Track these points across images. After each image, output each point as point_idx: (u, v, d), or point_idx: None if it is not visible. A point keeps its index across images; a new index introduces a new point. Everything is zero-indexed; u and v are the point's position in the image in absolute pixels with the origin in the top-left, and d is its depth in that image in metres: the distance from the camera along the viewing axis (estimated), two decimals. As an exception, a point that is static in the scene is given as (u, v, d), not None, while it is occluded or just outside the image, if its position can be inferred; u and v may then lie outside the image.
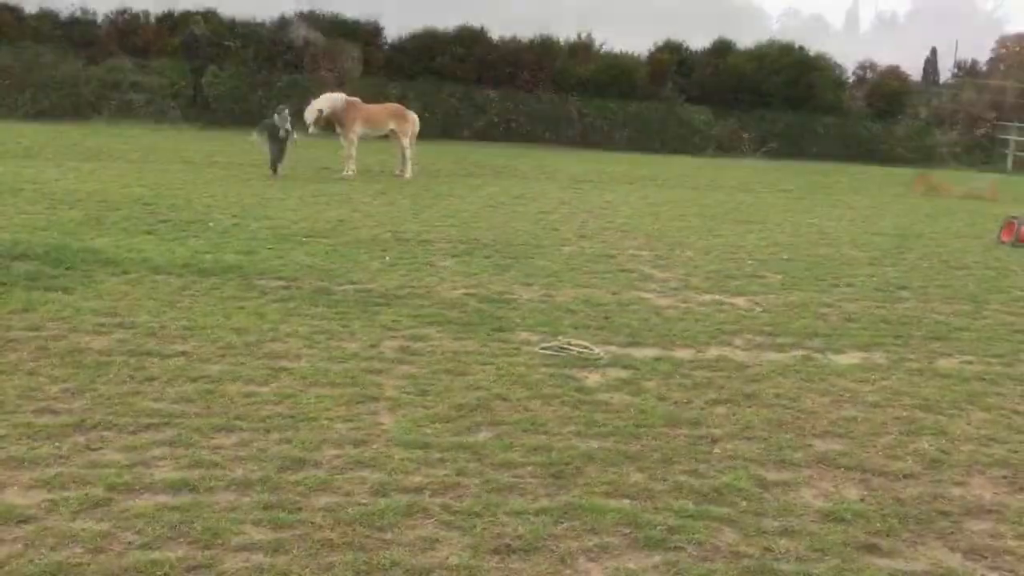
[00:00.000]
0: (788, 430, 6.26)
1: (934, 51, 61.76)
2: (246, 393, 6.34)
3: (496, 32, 32.69)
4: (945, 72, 54.22)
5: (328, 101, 19.53)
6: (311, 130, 19.51)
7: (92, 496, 4.76)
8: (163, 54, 29.63)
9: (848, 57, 48.56)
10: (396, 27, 34.87)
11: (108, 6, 34.12)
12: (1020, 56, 53.56)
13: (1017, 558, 4.70)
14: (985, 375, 7.76)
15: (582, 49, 31.93)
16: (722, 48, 32.78)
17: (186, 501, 4.77)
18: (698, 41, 33.69)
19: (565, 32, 33.05)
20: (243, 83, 29.41)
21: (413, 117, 20.52)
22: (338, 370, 6.93)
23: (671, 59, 31.72)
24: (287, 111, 18.55)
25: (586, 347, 7.78)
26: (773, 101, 30.91)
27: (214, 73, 29.29)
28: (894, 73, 33.86)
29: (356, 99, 20.15)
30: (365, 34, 30.87)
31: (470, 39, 30.78)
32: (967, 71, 48.52)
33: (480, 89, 29.92)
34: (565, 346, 7.77)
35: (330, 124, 19.83)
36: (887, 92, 32.16)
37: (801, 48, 32.10)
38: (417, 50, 30.55)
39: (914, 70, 47.19)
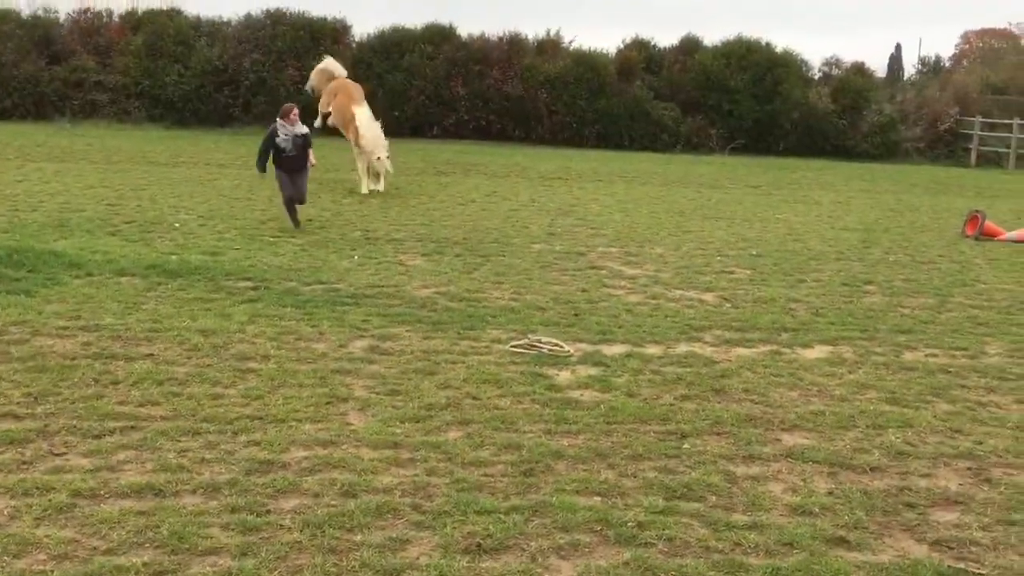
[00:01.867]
0: (757, 425, 6.29)
1: (898, 47, 62.66)
2: (213, 395, 6.28)
3: (465, 29, 32.62)
4: (909, 68, 54.99)
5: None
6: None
7: (56, 502, 4.69)
8: (126, 53, 29.25)
9: (814, 53, 49.04)
10: (365, 25, 34.61)
11: (70, 5, 33.65)
12: (983, 51, 54.34)
13: (983, 548, 4.76)
14: (950, 368, 7.86)
15: (551, 46, 31.92)
16: (690, 45, 32.90)
17: (152, 505, 4.72)
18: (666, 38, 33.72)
19: (534, 29, 32.97)
20: (208, 82, 29.13)
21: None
22: (306, 371, 6.88)
23: (639, 56, 31.79)
24: (294, 110, 12.71)
25: (556, 344, 7.78)
26: (740, 97, 31.08)
27: (179, 72, 28.97)
28: (859, 69, 34.14)
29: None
30: (332, 32, 30.66)
31: (439, 37, 30.65)
32: (931, 67, 49.14)
33: (449, 87, 29.84)
34: (535, 343, 7.77)
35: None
36: (852, 88, 32.41)
37: (768, 45, 32.28)
38: (385, 48, 30.39)
39: (879, 66, 47.80)
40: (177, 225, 12.61)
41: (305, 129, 12.78)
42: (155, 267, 9.83)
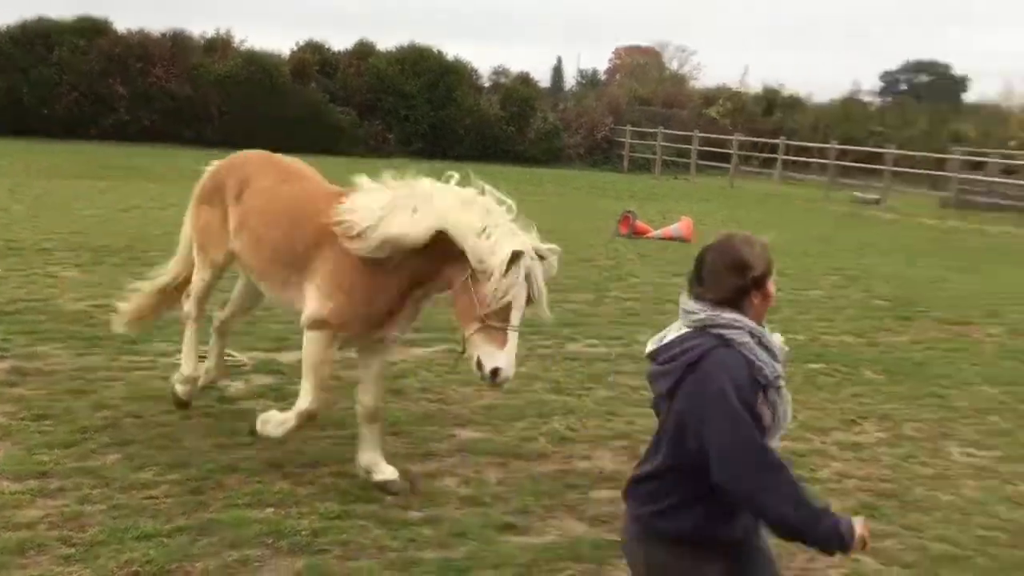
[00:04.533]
0: (434, 422, 6.43)
1: (560, 59, 67.13)
2: None
3: (122, 24, 30.45)
4: (570, 80, 59.07)
5: None
6: None
7: None
8: None
9: (483, 63, 51.32)
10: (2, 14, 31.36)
11: None
12: (632, 67, 59.61)
13: (634, 519, 5.17)
14: (607, 356, 8.50)
15: (221, 45, 30.72)
16: (364, 50, 33.08)
17: None
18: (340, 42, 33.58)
19: (201, 27, 31.54)
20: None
21: None
22: (-68, 400, 6.05)
23: (313, 59, 31.49)
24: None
25: (229, 355, 7.44)
26: (416, 103, 31.75)
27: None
28: (525, 80, 36.16)
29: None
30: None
31: (92, 30, 28.42)
32: (589, 79, 53.15)
33: (107, 84, 27.74)
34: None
35: None
36: (519, 97, 34.25)
37: (439, 52, 33.25)
38: (29, 40, 27.65)
39: (543, 77, 50.88)
40: None
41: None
42: None
